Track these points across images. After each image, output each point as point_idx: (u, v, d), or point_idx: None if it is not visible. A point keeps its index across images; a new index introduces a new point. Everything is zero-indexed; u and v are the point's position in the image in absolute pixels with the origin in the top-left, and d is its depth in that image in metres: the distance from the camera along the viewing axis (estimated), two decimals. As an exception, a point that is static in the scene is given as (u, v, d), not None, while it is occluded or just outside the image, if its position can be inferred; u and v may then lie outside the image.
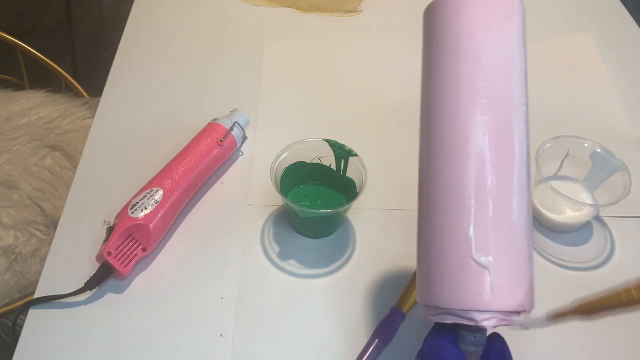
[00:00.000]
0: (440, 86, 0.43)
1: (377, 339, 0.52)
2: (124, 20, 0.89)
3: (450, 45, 0.43)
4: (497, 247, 0.39)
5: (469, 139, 0.41)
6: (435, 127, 0.43)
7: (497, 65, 0.43)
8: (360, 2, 0.95)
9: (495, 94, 0.41)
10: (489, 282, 0.39)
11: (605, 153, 0.62)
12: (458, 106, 0.42)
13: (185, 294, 0.56)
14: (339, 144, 0.61)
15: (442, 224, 0.41)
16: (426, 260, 0.42)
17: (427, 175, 0.44)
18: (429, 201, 0.43)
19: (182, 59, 0.83)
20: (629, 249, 0.62)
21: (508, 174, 0.41)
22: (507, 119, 0.41)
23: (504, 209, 0.40)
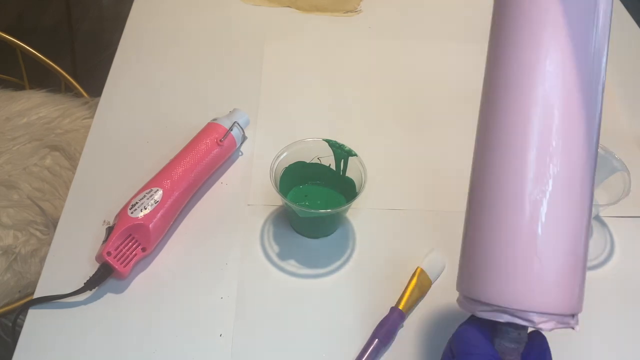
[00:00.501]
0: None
1: (377, 339, 0.52)
2: (124, 20, 0.89)
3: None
4: (561, 247, 0.37)
5: (531, 129, 0.38)
6: (498, 113, 0.40)
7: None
8: (360, 2, 0.95)
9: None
10: (551, 282, 0.37)
11: (605, 153, 0.62)
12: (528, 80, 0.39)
13: (185, 294, 0.56)
14: (339, 144, 0.61)
15: (504, 217, 0.38)
16: (479, 252, 0.39)
17: (484, 159, 0.41)
18: (487, 189, 0.40)
19: (182, 59, 0.83)
20: (629, 249, 0.62)
21: (578, 167, 0.38)
22: (580, 104, 0.38)
23: (571, 207, 0.38)
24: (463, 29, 0.91)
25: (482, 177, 0.41)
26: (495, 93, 0.41)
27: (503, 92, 0.40)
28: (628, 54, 0.88)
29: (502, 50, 0.41)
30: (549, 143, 0.38)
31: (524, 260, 0.37)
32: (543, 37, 0.39)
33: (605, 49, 0.40)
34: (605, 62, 0.40)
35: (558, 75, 0.38)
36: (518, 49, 0.40)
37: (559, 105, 0.38)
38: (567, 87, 0.38)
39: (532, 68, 0.39)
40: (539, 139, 0.38)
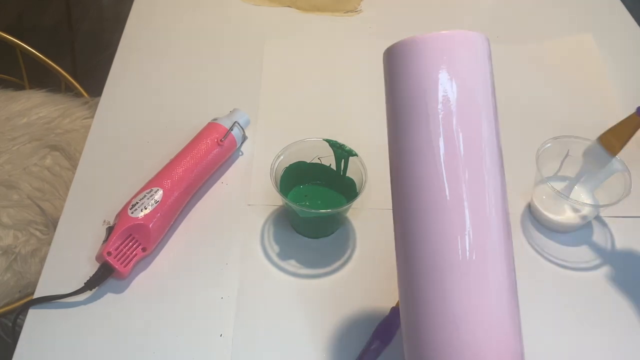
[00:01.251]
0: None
1: (377, 339, 0.52)
2: (124, 20, 0.89)
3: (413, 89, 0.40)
4: (482, 326, 0.37)
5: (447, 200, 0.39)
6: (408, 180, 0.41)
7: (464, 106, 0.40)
8: (360, 2, 0.95)
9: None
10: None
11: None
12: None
13: (185, 294, 0.56)
14: (339, 144, 0.61)
15: (424, 299, 0.39)
16: (410, 337, 0.40)
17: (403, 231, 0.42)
18: (410, 272, 0.40)
19: (182, 59, 0.83)
20: (629, 249, 0.62)
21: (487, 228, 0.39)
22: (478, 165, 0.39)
23: (488, 275, 0.38)
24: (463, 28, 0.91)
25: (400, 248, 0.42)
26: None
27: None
28: (628, 54, 0.88)
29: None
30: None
31: (445, 343, 0.38)
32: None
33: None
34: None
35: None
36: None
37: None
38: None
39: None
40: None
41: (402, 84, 0.41)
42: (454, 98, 0.39)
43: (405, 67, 0.41)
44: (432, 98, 0.39)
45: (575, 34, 0.90)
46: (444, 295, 0.38)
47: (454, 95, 0.39)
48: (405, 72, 0.41)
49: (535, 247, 0.62)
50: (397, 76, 0.41)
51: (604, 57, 0.86)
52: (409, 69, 0.40)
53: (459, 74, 0.39)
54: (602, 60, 0.86)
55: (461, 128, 0.39)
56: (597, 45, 0.88)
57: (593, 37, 0.89)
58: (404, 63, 0.41)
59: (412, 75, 0.40)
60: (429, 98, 0.39)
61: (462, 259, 0.38)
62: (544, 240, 0.63)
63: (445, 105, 0.39)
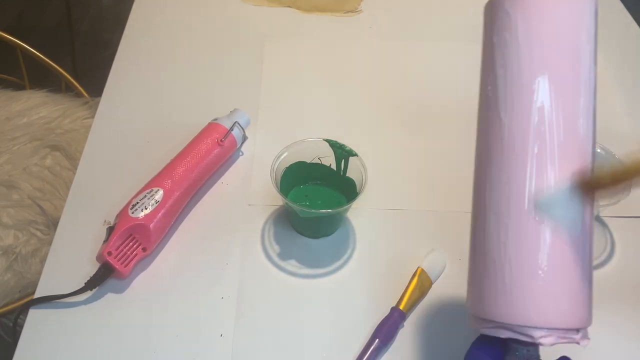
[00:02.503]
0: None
1: (377, 339, 0.52)
2: (124, 20, 0.89)
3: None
4: (561, 262, 0.37)
5: (528, 140, 0.39)
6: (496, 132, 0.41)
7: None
8: (360, 2, 0.95)
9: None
10: (550, 298, 0.37)
11: (605, 153, 0.62)
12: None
13: (186, 294, 0.56)
14: (339, 144, 0.61)
15: (505, 238, 0.39)
16: (482, 271, 0.40)
17: (485, 173, 0.42)
18: (488, 209, 0.40)
19: (182, 59, 0.83)
20: (629, 249, 0.62)
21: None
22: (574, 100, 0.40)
23: (569, 222, 0.38)
24: (464, 28, 0.90)
25: (482, 194, 0.42)
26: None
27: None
28: (628, 54, 0.88)
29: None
30: (546, 160, 0.39)
31: (521, 275, 0.38)
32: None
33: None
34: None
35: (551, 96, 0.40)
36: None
37: (554, 120, 0.39)
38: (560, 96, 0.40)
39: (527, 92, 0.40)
40: (537, 155, 0.39)
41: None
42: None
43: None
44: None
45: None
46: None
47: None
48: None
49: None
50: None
51: (604, 57, 0.86)
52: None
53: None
54: (602, 60, 0.86)
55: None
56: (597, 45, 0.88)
57: (593, 37, 0.89)
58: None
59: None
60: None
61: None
62: (544, 240, 0.63)
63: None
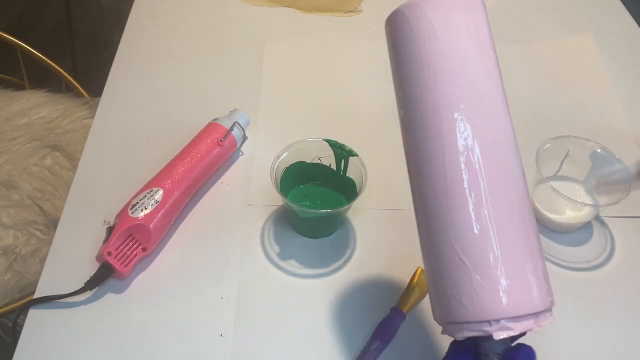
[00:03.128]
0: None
1: (377, 339, 0.52)
2: (124, 20, 0.89)
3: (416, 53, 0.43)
4: (501, 249, 0.37)
5: (454, 141, 0.41)
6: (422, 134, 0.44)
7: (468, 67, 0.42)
8: (360, 2, 0.95)
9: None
10: (497, 288, 0.37)
11: (605, 153, 0.62)
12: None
13: (185, 294, 0.56)
14: (339, 144, 0.61)
15: (442, 240, 0.40)
16: (432, 275, 0.41)
17: (418, 185, 0.45)
18: (426, 214, 0.43)
19: (182, 59, 0.83)
20: (629, 249, 0.62)
21: (501, 167, 0.41)
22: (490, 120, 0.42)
23: (502, 209, 0.39)
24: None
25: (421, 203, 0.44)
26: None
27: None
28: (628, 54, 0.88)
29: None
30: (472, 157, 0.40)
31: (463, 273, 0.38)
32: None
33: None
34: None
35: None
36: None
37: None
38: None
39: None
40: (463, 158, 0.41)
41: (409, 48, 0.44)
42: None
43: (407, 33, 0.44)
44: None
45: (575, 34, 0.90)
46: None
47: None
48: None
49: (535, 247, 0.62)
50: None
51: (604, 57, 0.86)
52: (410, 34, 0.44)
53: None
54: (602, 60, 0.86)
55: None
56: (597, 45, 0.88)
57: (593, 37, 0.89)
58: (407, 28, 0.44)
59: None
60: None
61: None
62: (544, 240, 0.63)
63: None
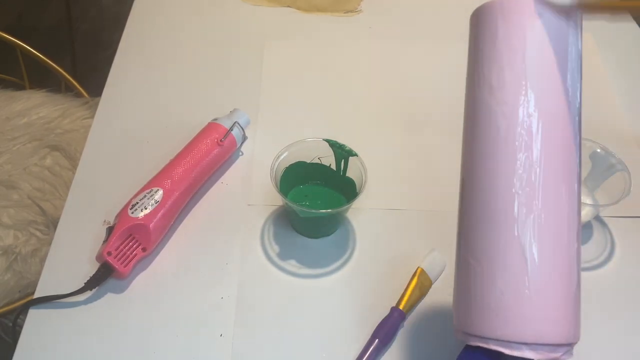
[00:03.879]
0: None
1: (377, 339, 0.52)
2: (124, 20, 0.89)
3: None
4: (549, 276, 0.37)
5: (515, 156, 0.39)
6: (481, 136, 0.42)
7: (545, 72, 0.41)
8: (360, 2, 0.95)
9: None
10: (537, 314, 0.37)
11: (605, 153, 0.62)
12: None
13: (185, 294, 0.56)
14: (339, 144, 0.61)
15: (489, 253, 0.39)
16: (467, 286, 0.40)
17: (469, 188, 0.42)
18: (473, 223, 0.41)
19: (182, 59, 0.83)
20: (629, 249, 0.62)
21: (563, 199, 0.39)
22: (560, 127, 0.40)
23: (558, 237, 0.38)
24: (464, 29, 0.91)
25: (469, 212, 0.42)
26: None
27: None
28: (628, 54, 0.88)
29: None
30: (532, 176, 0.39)
31: (508, 293, 0.38)
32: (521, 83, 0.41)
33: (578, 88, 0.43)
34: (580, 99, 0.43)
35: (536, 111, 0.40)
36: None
37: (540, 135, 0.40)
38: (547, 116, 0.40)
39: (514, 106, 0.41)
40: (522, 173, 0.39)
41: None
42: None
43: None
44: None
45: (575, 34, 0.90)
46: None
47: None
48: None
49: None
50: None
51: (604, 57, 0.86)
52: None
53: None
54: (602, 60, 0.86)
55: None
56: (597, 45, 0.88)
57: (593, 37, 0.89)
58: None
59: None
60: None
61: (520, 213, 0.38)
62: (544, 240, 0.63)
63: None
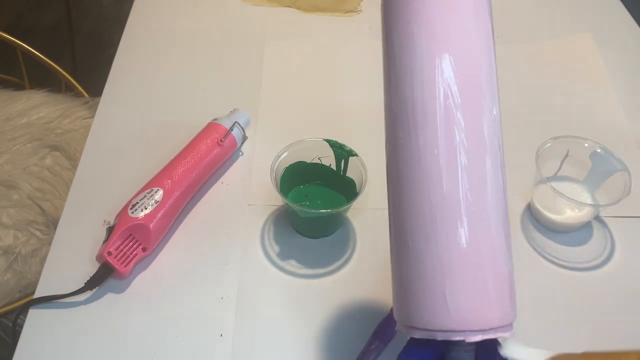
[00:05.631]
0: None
1: (377, 339, 0.52)
2: (124, 20, 0.89)
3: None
4: (477, 265, 0.36)
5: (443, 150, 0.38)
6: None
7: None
8: (360, 2, 0.95)
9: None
10: (459, 301, 0.36)
11: (605, 153, 0.62)
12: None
13: (186, 294, 0.56)
14: (339, 144, 0.61)
15: (414, 241, 0.38)
16: (398, 277, 0.40)
17: (395, 181, 0.42)
18: (400, 218, 0.40)
19: (182, 59, 0.83)
20: (629, 249, 0.62)
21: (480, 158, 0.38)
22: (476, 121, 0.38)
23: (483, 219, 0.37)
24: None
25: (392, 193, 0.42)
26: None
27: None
28: (628, 54, 0.88)
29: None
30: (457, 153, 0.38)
31: (436, 282, 0.37)
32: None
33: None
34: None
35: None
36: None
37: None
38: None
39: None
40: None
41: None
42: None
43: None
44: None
45: (575, 34, 0.90)
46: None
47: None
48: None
49: (535, 247, 0.62)
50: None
51: (604, 57, 0.86)
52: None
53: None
54: (602, 60, 0.86)
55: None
56: (597, 45, 0.88)
57: (593, 37, 0.89)
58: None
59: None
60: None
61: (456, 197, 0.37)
62: (544, 240, 0.63)
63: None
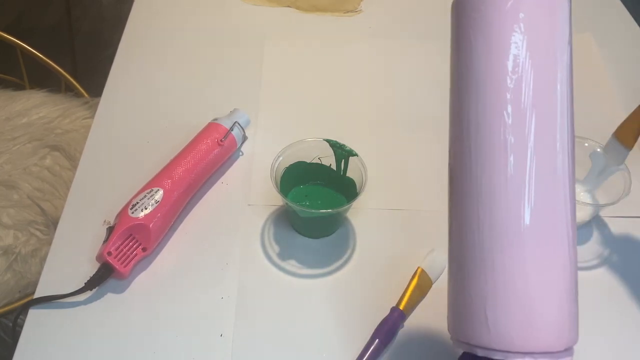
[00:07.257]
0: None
1: (377, 339, 0.52)
2: (124, 20, 0.89)
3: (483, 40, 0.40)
4: (544, 292, 0.37)
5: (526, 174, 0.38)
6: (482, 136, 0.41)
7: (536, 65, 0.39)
8: (360, 2, 0.95)
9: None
10: (533, 325, 0.36)
11: (605, 153, 0.62)
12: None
13: (185, 294, 0.56)
14: (339, 144, 0.61)
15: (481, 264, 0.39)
16: (461, 295, 0.40)
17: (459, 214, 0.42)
18: (469, 238, 0.40)
19: (182, 59, 0.83)
20: (629, 249, 0.62)
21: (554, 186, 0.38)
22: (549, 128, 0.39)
23: (551, 246, 0.37)
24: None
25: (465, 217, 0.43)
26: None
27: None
28: (628, 54, 0.88)
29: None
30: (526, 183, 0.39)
31: (503, 303, 0.37)
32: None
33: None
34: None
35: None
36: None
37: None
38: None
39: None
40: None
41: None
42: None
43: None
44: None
45: (575, 34, 0.90)
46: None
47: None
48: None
49: (535, 247, 0.62)
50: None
51: (604, 57, 0.86)
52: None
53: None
54: (602, 60, 0.86)
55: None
56: (597, 45, 0.88)
57: (593, 37, 0.89)
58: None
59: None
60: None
61: (524, 228, 0.37)
62: (544, 240, 0.63)
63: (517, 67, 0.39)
